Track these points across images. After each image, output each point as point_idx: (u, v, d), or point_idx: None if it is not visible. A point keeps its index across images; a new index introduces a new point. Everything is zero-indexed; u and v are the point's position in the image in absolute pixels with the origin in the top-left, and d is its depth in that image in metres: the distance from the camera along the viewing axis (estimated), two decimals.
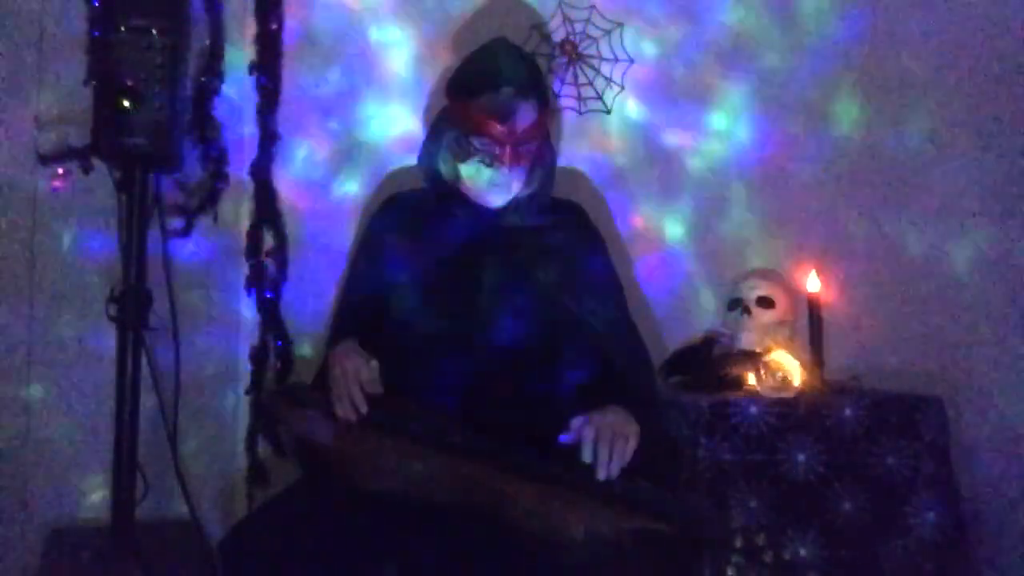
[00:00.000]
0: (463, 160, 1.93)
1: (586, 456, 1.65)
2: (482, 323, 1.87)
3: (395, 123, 2.31)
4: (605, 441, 1.65)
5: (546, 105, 1.99)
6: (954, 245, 2.42)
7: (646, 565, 1.51)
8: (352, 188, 2.30)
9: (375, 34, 2.32)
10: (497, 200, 1.95)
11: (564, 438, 1.68)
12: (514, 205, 1.97)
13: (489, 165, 1.91)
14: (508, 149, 1.89)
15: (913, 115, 2.43)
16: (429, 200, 2.03)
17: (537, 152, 1.97)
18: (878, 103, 2.43)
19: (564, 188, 2.22)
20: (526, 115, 1.90)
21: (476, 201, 1.96)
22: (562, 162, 2.34)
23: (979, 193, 2.42)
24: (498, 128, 1.88)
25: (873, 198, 2.43)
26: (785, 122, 2.42)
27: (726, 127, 2.41)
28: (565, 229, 2.01)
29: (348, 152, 2.31)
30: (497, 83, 1.90)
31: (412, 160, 2.12)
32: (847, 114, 2.43)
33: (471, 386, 1.81)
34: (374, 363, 1.79)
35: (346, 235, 2.27)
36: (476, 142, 1.90)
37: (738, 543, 1.89)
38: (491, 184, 1.93)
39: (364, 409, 1.75)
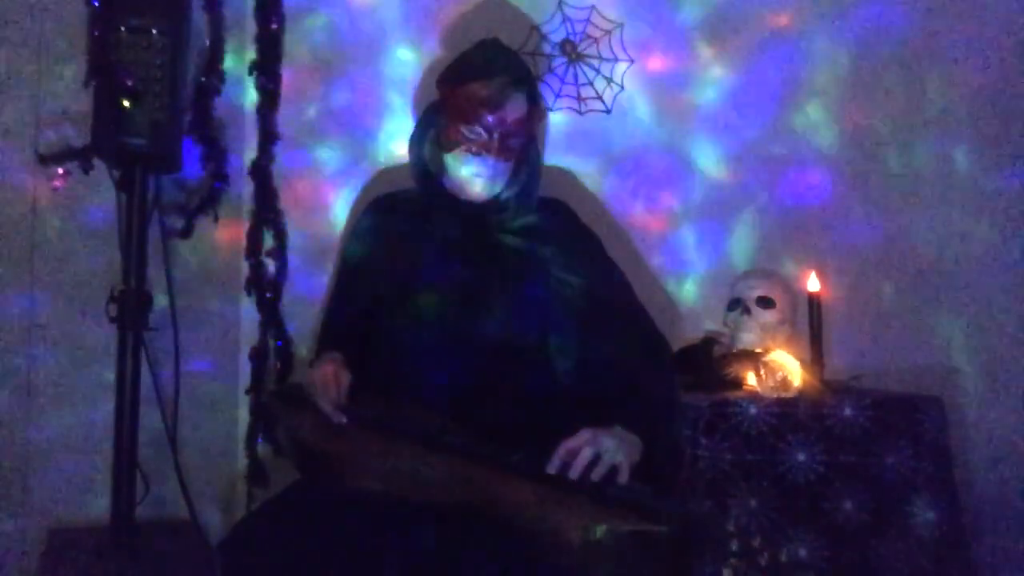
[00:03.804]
0: (449, 150, 1.92)
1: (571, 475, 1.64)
2: (475, 323, 1.87)
3: (395, 122, 2.31)
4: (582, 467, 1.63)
5: (535, 104, 1.98)
6: (954, 245, 2.42)
7: (641, 567, 1.51)
8: (352, 187, 2.30)
9: (375, 33, 2.33)
10: (479, 191, 1.93)
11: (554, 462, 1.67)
12: (500, 204, 1.97)
13: (476, 154, 1.90)
14: (496, 139, 1.89)
15: (913, 115, 2.43)
16: (416, 201, 2.02)
17: (523, 150, 1.96)
18: (878, 102, 2.43)
19: (563, 188, 2.22)
20: (517, 106, 1.90)
21: (458, 194, 1.95)
22: (561, 162, 2.35)
23: (980, 193, 2.42)
24: (488, 116, 1.88)
25: (874, 198, 2.43)
26: (785, 121, 2.42)
27: (725, 127, 2.41)
28: (554, 228, 2.00)
29: (348, 152, 2.31)
30: (491, 71, 1.90)
31: (407, 158, 2.10)
32: (847, 113, 2.43)
33: (465, 386, 1.81)
34: (345, 376, 1.79)
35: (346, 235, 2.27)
36: (465, 130, 1.90)
37: (734, 546, 1.90)
38: (474, 175, 1.92)
39: (340, 421, 1.76)
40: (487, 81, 1.89)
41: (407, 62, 2.33)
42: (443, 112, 1.96)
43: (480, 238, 1.95)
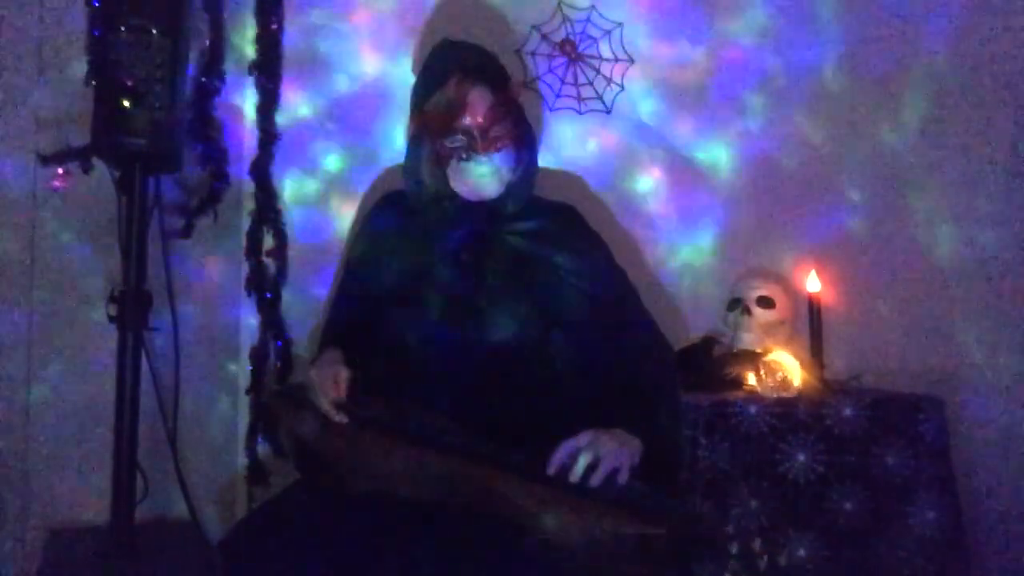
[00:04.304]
0: (445, 165, 1.90)
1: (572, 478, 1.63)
2: (479, 324, 1.86)
3: (395, 122, 2.31)
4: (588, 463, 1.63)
5: (503, 84, 1.94)
6: (954, 245, 2.42)
7: (640, 568, 1.51)
8: (352, 188, 2.30)
9: (375, 34, 2.32)
10: (491, 190, 1.91)
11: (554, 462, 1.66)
12: (506, 193, 1.94)
13: (469, 159, 1.88)
14: (478, 135, 1.86)
15: (913, 115, 2.43)
16: (424, 199, 2.01)
17: (513, 130, 1.92)
18: (878, 102, 2.43)
19: (564, 189, 2.22)
20: (482, 98, 1.87)
21: (471, 199, 1.94)
22: (561, 162, 2.35)
23: (979, 193, 2.42)
24: (459, 120, 1.85)
25: (873, 198, 2.43)
26: (785, 121, 2.42)
27: (725, 126, 2.41)
28: (562, 231, 1.99)
29: (348, 152, 2.31)
30: (443, 77, 1.88)
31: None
32: (847, 113, 2.43)
33: (468, 387, 1.81)
34: (345, 373, 1.79)
35: (346, 235, 2.27)
36: (446, 142, 1.87)
37: (734, 549, 1.90)
38: (479, 176, 1.89)
39: (342, 420, 1.76)
40: (442, 88, 1.88)
41: (407, 61, 2.32)
42: (423, 133, 1.93)
43: (486, 239, 1.94)
